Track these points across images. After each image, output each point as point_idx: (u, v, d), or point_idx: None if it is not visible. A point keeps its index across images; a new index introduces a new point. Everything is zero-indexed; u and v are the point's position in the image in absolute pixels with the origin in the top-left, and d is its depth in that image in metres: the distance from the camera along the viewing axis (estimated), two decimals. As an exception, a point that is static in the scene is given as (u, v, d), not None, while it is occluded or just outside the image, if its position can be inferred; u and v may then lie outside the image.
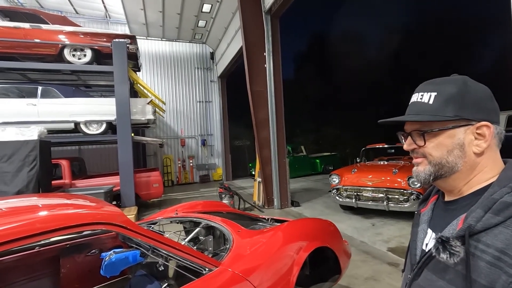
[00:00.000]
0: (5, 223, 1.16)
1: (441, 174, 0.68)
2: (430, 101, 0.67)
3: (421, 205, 0.85)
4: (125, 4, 9.69)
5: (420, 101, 0.70)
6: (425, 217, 0.79)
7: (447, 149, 0.66)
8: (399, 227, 5.11)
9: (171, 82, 13.19)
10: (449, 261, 0.58)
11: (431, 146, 0.68)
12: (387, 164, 6.60)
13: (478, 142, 0.65)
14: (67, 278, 2.13)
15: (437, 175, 0.68)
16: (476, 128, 0.65)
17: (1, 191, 4.60)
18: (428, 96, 0.68)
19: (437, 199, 0.79)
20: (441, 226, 0.69)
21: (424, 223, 0.78)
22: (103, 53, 7.00)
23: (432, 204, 0.80)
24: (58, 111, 6.53)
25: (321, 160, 14.20)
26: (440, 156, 0.67)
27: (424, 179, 0.70)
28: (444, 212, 0.72)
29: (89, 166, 9.49)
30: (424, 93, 0.69)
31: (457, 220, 0.63)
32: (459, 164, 0.66)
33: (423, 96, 0.69)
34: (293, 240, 2.00)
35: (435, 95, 0.67)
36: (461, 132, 0.65)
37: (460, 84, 0.66)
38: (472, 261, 0.56)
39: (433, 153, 0.68)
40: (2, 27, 6.33)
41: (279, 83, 7.15)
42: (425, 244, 0.74)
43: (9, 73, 7.34)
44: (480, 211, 0.58)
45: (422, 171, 0.70)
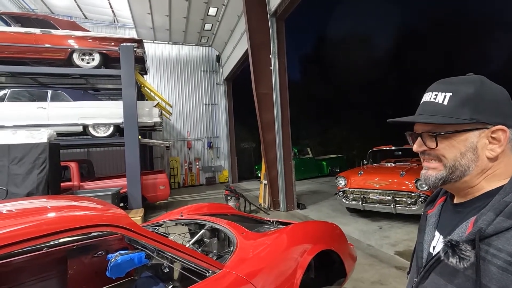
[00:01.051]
0: (13, 224, 1.19)
1: (452, 178, 0.65)
2: (445, 102, 0.64)
3: (428, 206, 0.83)
4: (132, 8, 9.84)
5: (433, 101, 0.66)
6: (432, 219, 0.77)
7: (460, 151, 0.64)
8: (406, 230, 5.03)
9: (177, 85, 13.31)
10: (459, 265, 0.56)
11: (443, 148, 0.65)
12: (394, 166, 6.52)
13: (493, 147, 0.62)
14: (74, 279, 2.16)
15: (448, 179, 0.66)
16: (491, 132, 0.62)
17: (12, 193, 4.70)
18: (442, 96, 0.65)
19: (445, 201, 0.77)
20: (449, 228, 0.67)
21: (431, 225, 0.76)
22: (111, 57, 7.12)
23: (440, 205, 0.78)
24: (67, 114, 6.65)
25: (327, 162, 14.11)
26: (453, 158, 0.64)
27: (434, 182, 0.68)
28: (453, 214, 0.71)
29: (97, 168, 9.64)
30: (439, 92, 0.66)
31: (467, 223, 0.61)
32: (471, 168, 0.64)
33: (437, 96, 0.66)
34: (298, 243, 2.00)
35: (450, 95, 0.64)
36: (475, 136, 0.62)
37: (478, 85, 0.63)
38: (483, 265, 0.54)
39: (446, 155, 0.65)
40: (14, 32, 6.50)
41: (285, 85, 7.15)
42: (432, 247, 0.72)
43: (21, 78, 7.53)
44: (491, 214, 0.56)
45: (433, 175, 0.68)
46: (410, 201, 5.15)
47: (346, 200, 5.95)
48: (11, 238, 1.11)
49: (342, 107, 21.97)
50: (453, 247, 0.57)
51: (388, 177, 5.63)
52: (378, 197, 5.52)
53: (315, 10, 38.73)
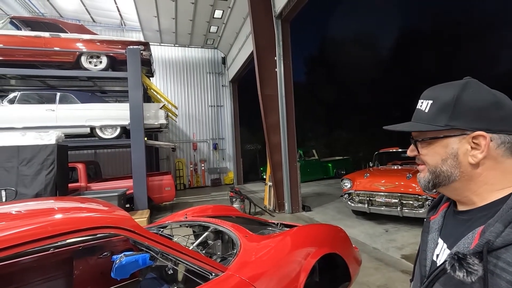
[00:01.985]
0: (20, 226, 1.21)
1: (439, 182, 0.67)
2: (426, 109, 0.67)
3: (431, 212, 0.82)
4: (139, 12, 9.97)
5: (419, 108, 0.70)
6: (435, 226, 0.76)
7: (441, 158, 0.65)
8: (413, 233, 4.96)
9: (183, 87, 13.41)
10: (466, 279, 0.54)
11: (425, 153, 0.69)
12: (400, 168, 6.45)
13: (474, 153, 0.62)
14: (80, 279, 2.19)
15: (435, 183, 0.68)
16: (472, 137, 0.61)
17: (21, 193, 4.79)
18: (426, 103, 0.68)
19: (448, 207, 0.76)
20: (454, 237, 0.66)
21: (434, 232, 0.75)
22: (118, 60, 7.21)
23: (443, 212, 0.76)
24: (75, 116, 6.75)
25: (333, 164, 14.03)
26: (434, 164, 0.67)
27: (424, 185, 0.70)
28: (457, 222, 0.69)
29: (104, 169, 9.74)
30: (424, 100, 0.69)
31: (473, 234, 0.59)
32: (454, 173, 0.64)
33: (422, 104, 0.69)
34: (301, 246, 1.98)
35: (431, 103, 0.66)
36: (455, 142, 0.63)
37: (458, 90, 0.63)
38: (491, 280, 0.52)
39: (428, 161, 0.68)
40: (24, 36, 6.64)
41: (290, 87, 7.15)
42: (436, 255, 0.71)
43: (30, 80, 7.69)
44: (500, 225, 0.54)
45: (422, 177, 0.71)
46: (417, 204, 5.09)
47: (351, 202, 5.90)
48: (17, 239, 1.13)
49: (348, 108, 21.85)
50: (460, 260, 0.55)
51: (394, 179, 5.56)
52: (384, 199, 5.46)
53: (320, 12, 38.69)
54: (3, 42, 6.48)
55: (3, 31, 6.60)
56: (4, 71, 6.66)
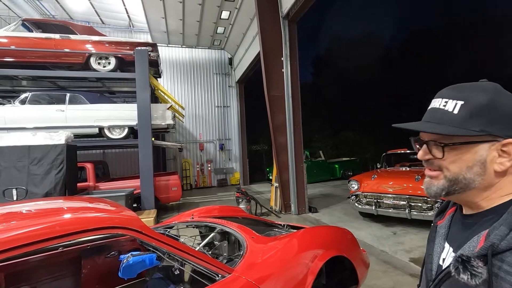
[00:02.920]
0: (29, 225, 1.22)
1: (455, 190, 0.63)
2: (455, 111, 0.60)
3: (438, 217, 0.81)
4: (147, 13, 10.07)
5: (443, 108, 0.63)
6: (442, 230, 0.75)
7: (467, 165, 0.60)
8: (422, 236, 4.88)
9: (190, 88, 13.49)
10: (471, 282, 0.53)
11: (449, 160, 0.62)
12: (409, 170, 6.35)
13: (502, 160, 0.59)
14: (88, 278, 2.21)
15: (450, 191, 0.63)
16: (502, 145, 0.59)
17: (32, 192, 4.87)
18: (453, 104, 0.61)
19: (455, 212, 0.75)
20: (459, 241, 0.65)
21: (440, 236, 0.74)
22: (126, 61, 7.29)
23: (450, 216, 0.75)
24: (84, 117, 6.85)
25: (340, 165, 13.92)
26: (457, 171, 0.61)
27: (435, 193, 0.65)
28: (463, 226, 0.68)
29: (112, 169, 9.86)
30: (449, 100, 0.62)
31: (478, 237, 0.58)
32: (476, 181, 0.61)
33: (447, 103, 0.62)
34: (308, 248, 1.97)
35: (462, 104, 0.60)
36: (485, 149, 0.59)
37: (491, 94, 0.59)
38: (495, 282, 0.52)
39: (450, 168, 0.62)
40: (35, 38, 6.77)
41: (297, 87, 7.12)
42: (442, 259, 0.70)
43: (41, 81, 7.83)
44: (504, 228, 0.54)
45: (434, 184, 0.65)
46: (426, 207, 5.00)
47: (359, 204, 5.84)
48: (26, 239, 1.14)
49: (355, 109, 21.65)
50: (464, 263, 0.54)
51: (402, 181, 5.48)
52: (392, 201, 5.39)
53: (328, 12, 38.51)
54: (15, 43, 6.62)
55: (15, 33, 6.74)
56: (16, 72, 6.81)
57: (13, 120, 6.41)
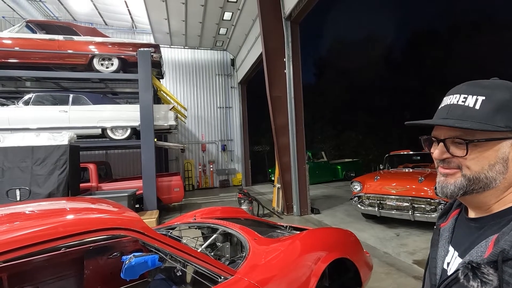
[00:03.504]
0: (32, 226, 1.22)
1: (473, 189, 0.60)
2: (477, 106, 0.58)
3: (441, 219, 0.78)
4: (150, 14, 10.11)
5: (462, 104, 0.60)
6: (445, 234, 0.73)
7: (489, 162, 0.58)
8: (425, 238, 4.84)
9: (192, 89, 13.52)
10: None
11: (471, 158, 0.59)
12: (412, 171, 6.31)
13: None
14: (90, 279, 2.21)
15: (468, 190, 0.60)
16: None
17: (35, 193, 4.89)
18: (473, 99, 0.59)
19: (459, 214, 0.73)
20: (465, 245, 0.63)
21: (444, 239, 0.72)
22: (129, 62, 7.32)
23: (453, 219, 0.73)
24: (87, 117, 6.88)
25: (342, 166, 13.87)
26: (479, 170, 0.59)
27: (452, 192, 0.62)
28: (468, 230, 0.66)
29: (115, 170, 9.89)
30: (469, 95, 0.60)
31: (486, 242, 0.56)
32: (498, 180, 0.58)
33: (466, 99, 0.60)
34: (311, 250, 1.95)
35: (483, 99, 0.58)
36: (507, 145, 0.57)
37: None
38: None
39: (471, 166, 0.59)
40: (39, 39, 6.82)
41: (299, 88, 7.10)
42: (446, 263, 0.68)
43: (45, 82, 7.88)
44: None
45: (452, 183, 0.62)
46: (429, 208, 4.96)
47: (361, 205, 5.81)
48: (29, 240, 1.14)
49: (357, 110, 21.57)
50: (474, 270, 0.52)
51: (406, 182, 5.45)
52: (395, 203, 5.35)
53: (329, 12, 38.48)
54: (19, 45, 6.66)
55: (19, 35, 6.79)
56: (20, 73, 6.86)
57: (17, 120, 6.45)
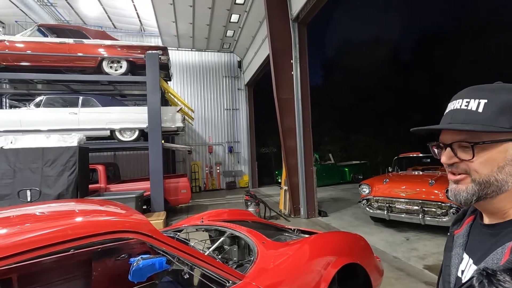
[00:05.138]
0: (42, 228, 1.23)
1: (486, 194, 0.59)
2: (479, 109, 0.59)
3: (455, 226, 0.76)
4: (158, 18, 10.21)
5: (465, 108, 0.61)
6: (460, 240, 0.71)
7: (498, 165, 0.57)
8: (436, 242, 4.74)
9: (199, 91, 13.59)
10: None
11: (478, 161, 0.59)
12: (422, 174, 6.20)
13: None
14: (98, 281, 2.22)
15: (481, 195, 0.59)
16: None
17: (45, 194, 4.97)
18: (476, 103, 0.59)
19: (473, 220, 0.71)
20: (480, 252, 0.61)
21: (458, 246, 0.70)
22: (138, 64, 7.40)
23: (468, 225, 0.71)
24: (96, 119, 6.97)
25: (350, 168, 13.73)
26: (488, 173, 0.58)
27: (466, 199, 0.61)
28: (483, 237, 0.64)
29: (123, 171, 9.98)
30: (471, 99, 0.60)
31: (503, 249, 0.54)
32: (509, 182, 0.57)
33: (469, 103, 0.60)
34: (321, 255, 1.92)
35: (485, 102, 0.58)
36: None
37: None
38: None
39: (479, 170, 0.59)
40: (50, 43, 6.95)
41: (306, 90, 7.06)
42: (461, 271, 0.66)
43: (55, 85, 8.02)
44: None
45: (463, 190, 0.61)
46: (440, 212, 4.86)
47: (370, 208, 5.72)
48: (40, 242, 1.15)
49: (365, 112, 21.36)
50: (489, 277, 0.50)
51: (415, 185, 5.35)
52: (405, 206, 5.25)
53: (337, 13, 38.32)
54: (31, 48, 6.80)
55: (31, 38, 6.93)
56: (32, 76, 6.99)
57: (28, 122, 6.57)
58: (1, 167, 4.92)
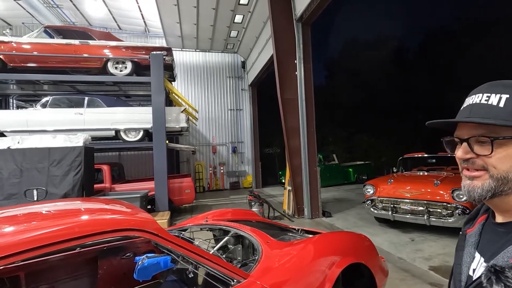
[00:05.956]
0: (49, 226, 1.24)
1: (502, 190, 0.58)
2: (501, 104, 0.58)
3: (467, 225, 0.76)
4: (162, 18, 10.27)
5: (485, 103, 0.60)
6: (472, 239, 0.70)
7: None
8: (442, 243, 4.70)
9: (203, 91, 13.64)
10: None
11: (496, 157, 0.58)
12: (427, 174, 6.15)
13: None
14: (104, 279, 2.24)
15: (497, 192, 0.59)
16: None
17: (51, 193, 5.01)
18: (497, 98, 0.59)
19: (486, 219, 0.71)
20: (492, 251, 0.61)
21: (470, 245, 0.70)
22: (142, 65, 7.45)
23: (480, 225, 0.71)
24: (101, 120, 7.02)
25: (354, 169, 13.68)
26: (506, 169, 0.58)
27: (480, 195, 0.60)
28: (495, 235, 0.64)
29: (127, 171, 10.05)
30: (492, 94, 0.60)
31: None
32: None
33: (489, 98, 0.60)
34: (325, 255, 1.91)
35: (508, 97, 0.58)
36: None
37: None
38: None
39: (498, 166, 0.58)
40: (56, 44, 7.02)
41: (310, 90, 7.05)
42: (472, 270, 0.66)
43: (61, 85, 8.11)
44: None
45: (479, 186, 0.60)
46: (445, 213, 4.82)
47: (374, 209, 5.69)
48: (47, 239, 1.16)
49: (369, 112, 21.24)
50: (497, 273, 0.50)
51: (420, 186, 5.31)
52: (410, 207, 5.22)
53: (340, 14, 38.19)
54: (38, 49, 6.88)
55: (38, 40, 7.01)
56: (38, 77, 7.07)
57: (35, 123, 6.65)
58: (9, 167, 4.98)
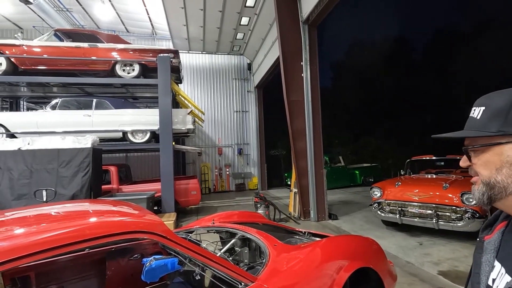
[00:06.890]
0: (59, 228, 1.26)
1: (495, 194, 0.62)
2: (478, 116, 0.65)
3: (485, 231, 0.74)
4: (169, 21, 10.38)
5: (472, 116, 0.67)
6: (490, 246, 0.68)
7: (495, 167, 0.61)
8: (451, 248, 4.62)
9: (210, 93, 13.71)
10: None
11: (479, 163, 0.65)
12: (435, 177, 6.05)
13: None
14: (112, 280, 2.25)
15: (490, 196, 0.63)
16: None
17: (60, 194, 5.09)
18: (478, 110, 0.65)
19: (506, 226, 0.68)
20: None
21: (489, 253, 0.68)
22: (149, 67, 7.53)
23: (500, 232, 0.69)
24: (109, 121, 7.10)
25: (360, 171, 13.55)
26: (488, 175, 0.62)
27: (479, 198, 0.65)
28: None
29: (134, 172, 10.13)
30: (476, 107, 0.67)
31: None
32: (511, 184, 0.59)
33: (474, 111, 0.67)
34: (333, 258, 1.89)
35: (483, 109, 0.64)
36: (511, 149, 0.59)
37: (509, 97, 0.61)
38: None
39: (481, 172, 0.64)
40: (66, 47, 7.15)
41: (317, 92, 7.03)
42: (492, 279, 0.64)
43: (70, 88, 8.24)
44: None
45: (476, 189, 0.66)
46: (455, 217, 4.73)
47: (381, 212, 5.62)
48: (58, 241, 1.18)
49: (376, 114, 21.06)
50: None
51: (429, 189, 5.23)
52: (418, 210, 5.14)
53: (347, 15, 38.04)
54: (48, 52, 7.02)
55: (48, 43, 7.15)
56: (48, 79, 7.20)
57: (44, 124, 6.76)
58: (19, 168, 5.07)
